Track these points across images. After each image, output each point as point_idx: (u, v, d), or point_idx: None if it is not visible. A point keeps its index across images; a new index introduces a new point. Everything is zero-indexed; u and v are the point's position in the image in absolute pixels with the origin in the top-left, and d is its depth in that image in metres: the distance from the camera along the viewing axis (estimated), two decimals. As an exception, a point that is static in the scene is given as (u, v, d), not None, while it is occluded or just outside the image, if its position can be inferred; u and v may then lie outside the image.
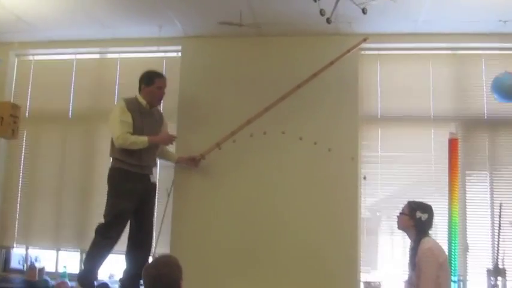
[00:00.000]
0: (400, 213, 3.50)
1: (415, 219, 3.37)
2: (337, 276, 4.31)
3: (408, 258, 3.42)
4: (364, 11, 3.68)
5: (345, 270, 4.33)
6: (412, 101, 4.61)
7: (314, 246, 4.38)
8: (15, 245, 5.04)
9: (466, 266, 4.32)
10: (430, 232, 3.45)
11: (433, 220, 3.49)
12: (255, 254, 4.43)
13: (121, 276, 4.29)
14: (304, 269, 4.35)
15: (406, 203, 3.51)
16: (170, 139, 4.32)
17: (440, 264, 3.24)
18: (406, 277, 3.61)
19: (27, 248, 5.03)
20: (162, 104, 4.49)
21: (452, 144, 4.31)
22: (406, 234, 3.53)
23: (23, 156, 5.12)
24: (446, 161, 4.31)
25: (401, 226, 3.50)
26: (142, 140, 4.04)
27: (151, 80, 4.22)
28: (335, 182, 4.45)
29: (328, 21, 3.57)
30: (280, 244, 4.41)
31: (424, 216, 3.36)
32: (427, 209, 3.42)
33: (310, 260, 4.36)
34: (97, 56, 5.12)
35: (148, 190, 4.27)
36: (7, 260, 5.10)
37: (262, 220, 4.47)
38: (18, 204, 5.06)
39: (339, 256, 4.34)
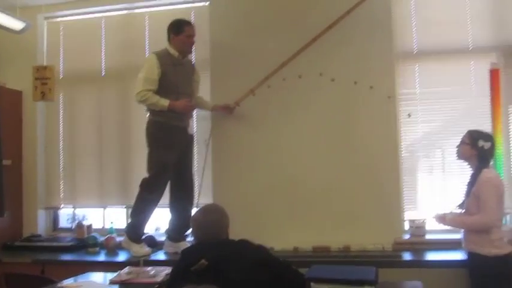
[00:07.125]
0: (461, 142, 3.42)
1: (478, 148, 3.30)
2: (381, 216, 4.28)
3: (466, 185, 3.36)
4: None
5: (388, 209, 4.30)
6: (448, 32, 4.41)
7: (356, 187, 4.35)
8: (62, 205, 5.18)
9: (512, 199, 4.26)
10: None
11: (495, 149, 3.43)
12: (296, 197, 4.43)
13: (167, 227, 4.39)
14: (348, 209, 4.34)
15: (466, 132, 3.43)
16: (188, 107, 4.16)
17: (499, 195, 3.20)
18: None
19: (74, 208, 5.17)
20: (194, 54, 4.45)
21: (494, 75, 4.16)
22: (468, 163, 3.45)
23: (61, 118, 5.19)
24: (488, 93, 4.18)
25: (463, 156, 3.43)
26: (163, 104, 4.00)
27: (181, 28, 4.16)
28: (374, 122, 4.37)
29: None
30: (322, 185, 4.39)
31: (487, 145, 3.30)
32: (489, 137, 3.36)
33: (353, 200, 4.34)
34: (125, 12, 5.07)
35: (188, 142, 4.30)
36: (56, 219, 5.28)
37: (301, 163, 4.44)
38: (61, 166, 5.17)
39: (382, 196, 4.31)
